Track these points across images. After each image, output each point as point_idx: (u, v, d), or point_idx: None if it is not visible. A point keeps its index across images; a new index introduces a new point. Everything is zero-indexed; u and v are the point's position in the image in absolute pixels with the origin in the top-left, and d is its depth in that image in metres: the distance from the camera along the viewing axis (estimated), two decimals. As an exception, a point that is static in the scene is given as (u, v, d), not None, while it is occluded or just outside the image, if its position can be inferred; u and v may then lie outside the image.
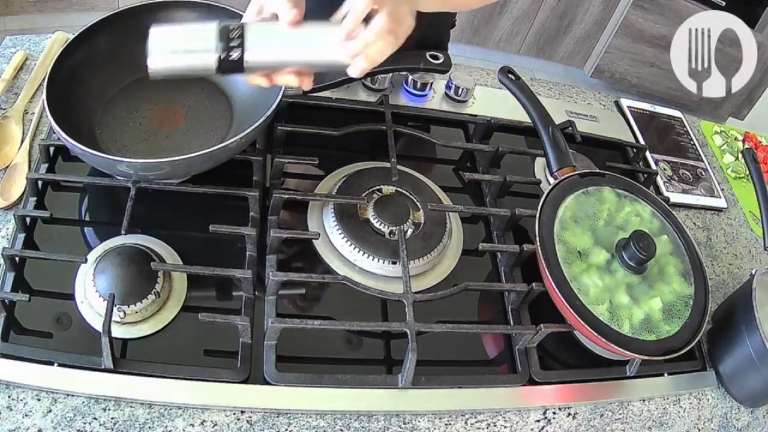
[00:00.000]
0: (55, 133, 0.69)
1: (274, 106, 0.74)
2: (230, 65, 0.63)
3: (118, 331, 0.66)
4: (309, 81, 0.67)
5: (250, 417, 0.66)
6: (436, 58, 0.84)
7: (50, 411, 0.61)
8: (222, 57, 0.63)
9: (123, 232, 0.70)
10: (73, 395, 0.63)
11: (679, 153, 1.15)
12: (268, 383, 0.67)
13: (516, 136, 1.02)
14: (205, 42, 0.63)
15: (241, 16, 0.83)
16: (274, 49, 0.64)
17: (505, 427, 0.73)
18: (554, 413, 0.76)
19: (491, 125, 0.99)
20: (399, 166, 0.84)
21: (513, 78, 0.87)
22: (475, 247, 0.81)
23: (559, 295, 0.71)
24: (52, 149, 0.79)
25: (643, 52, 2.55)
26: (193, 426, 0.64)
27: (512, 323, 0.79)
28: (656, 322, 0.73)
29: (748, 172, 1.09)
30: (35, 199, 0.75)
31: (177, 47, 0.63)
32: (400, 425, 0.70)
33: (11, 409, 0.61)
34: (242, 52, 0.63)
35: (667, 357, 0.72)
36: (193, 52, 0.63)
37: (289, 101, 0.89)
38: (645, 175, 1.05)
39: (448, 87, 1.03)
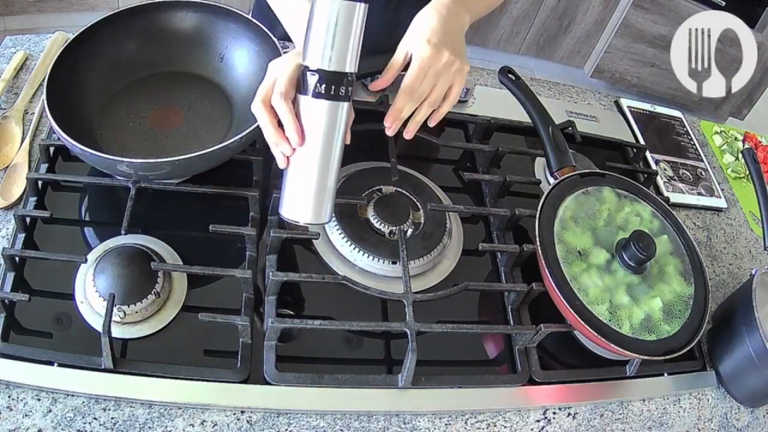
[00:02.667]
0: (55, 133, 0.69)
1: (274, 106, 0.74)
2: (344, 91, 0.64)
3: (118, 331, 0.66)
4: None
5: (250, 417, 0.66)
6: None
7: (50, 411, 0.61)
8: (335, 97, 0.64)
9: (123, 232, 0.70)
10: (73, 395, 0.63)
11: (679, 153, 1.15)
12: (268, 383, 0.67)
13: (516, 136, 1.02)
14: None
15: (241, 16, 0.83)
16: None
17: (505, 427, 0.73)
18: (554, 413, 0.76)
19: (491, 125, 0.99)
20: (399, 166, 0.84)
21: (513, 78, 0.87)
22: (475, 247, 0.81)
23: (559, 295, 0.71)
24: (52, 149, 0.79)
25: (643, 52, 2.55)
26: (193, 426, 0.64)
27: (512, 323, 0.79)
28: (656, 322, 0.73)
29: (748, 172, 1.09)
30: (35, 199, 0.75)
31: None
32: (400, 425, 0.70)
33: (11, 409, 0.61)
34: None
35: (667, 357, 0.72)
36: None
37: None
38: (645, 175, 1.05)
39: (448, 87, 1.03)
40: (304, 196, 0.66)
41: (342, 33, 0.61)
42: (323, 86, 0.62)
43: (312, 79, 0.62)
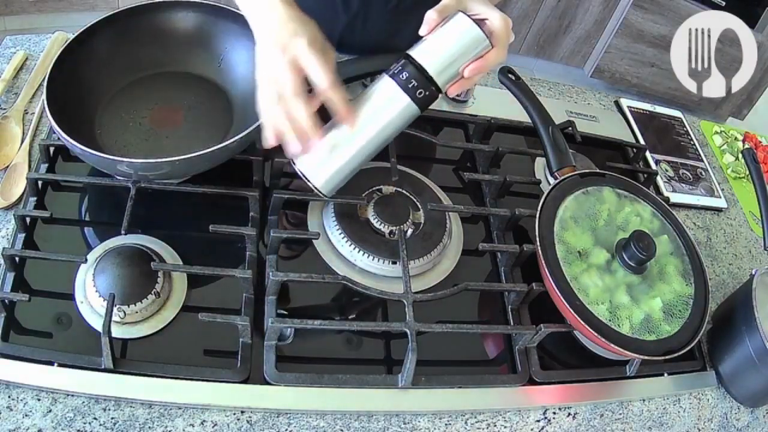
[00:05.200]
0: (55, 133, 0.69)
1: (274, 106, 0.74)
2: (427, 99, 0.66)
3: (118, 331, 0.66)
4: None
5: (250, 417, 0.66)
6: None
7: (50, 411, 0.61)
8: (417, 99, 0.66)
9: (123, 232, 0.70)
10: (73, 395, 0.63)
11: (679, 153, 1.15)
12: (268, 383, 0.67)
13: (516, 136, 1.02)
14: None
15: (241, 16, 0.83)
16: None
17: (505, 427, 0.73)
18: (554, 413, 0.76)
19: (491, 125, 0.99)
20: (399, 166, 0.84)
21: (513, 78, 0.87)
22: (475, 247, 0.81)
23: (559, 295, 0.71)
24: (52, 149, 0.79)
25: (643, 52, 2.55)
26: (193, 426, 0.64)
27: (512, 323, 0.79)
28: (656, 322, 0.73)
29: (748, 172, 1.09)
30: (35, 199, 0.75)
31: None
32: (400, 425, 0.70)
33: (11, 409, 0.61)
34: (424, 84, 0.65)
35: (667, 357, 0.72)
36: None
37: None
38: (645, 175, 1.05)
39: (448, 87, 1.03)
40: (331, 164, 0.68)
41: (460, 53, 0.65)
42: (412, 80, 0.65)
43: (407, 68, 0.65)
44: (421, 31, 0.66)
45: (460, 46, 0.65)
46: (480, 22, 0.66)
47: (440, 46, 0.65)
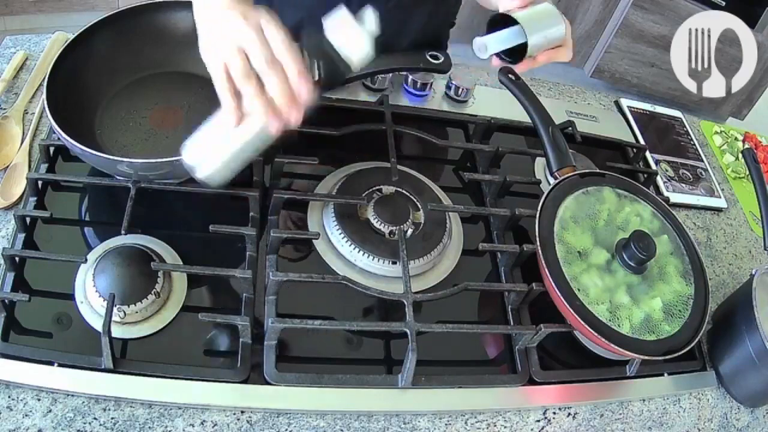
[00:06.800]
0: (55, 133, 0.69)
1: (274, 106, 0.74)
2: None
3: (118, 331, 0.66)
4: None
5: (250, 417, 0.66)
6: (436, 57, 0.84)
7: (50, 411, 0.61)
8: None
9: (123, 232, 0.70)
10: (73, 395, 0.63)
11: (679, 153, 1.15)
12: (268, 383, 0.67)
13: (516, 136, 1.02)
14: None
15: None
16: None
17: (505, 427, 0.73)
18: (554, 413, 0.76)
19: (491, 125, 0.99)
20: (399, 166, 0.84)
21: (513, 78, 0.87)
22: (475, 247, 0.81)
23: (559, 295, 0.71)
24: (52, 149, 0.79)
25: (643, 52, 2.55)
26: (193, 426, 0.64)
27: (512, 323, 0.79)
28: (656, 322, 0.73)
29: (748, 172, 1.09)
30: (35, 199, 0.75)
31: None
32: (400, 425, 0.70)
33: (11, 409, 0.61)
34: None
35: (667, 357, 0.72)
36: None
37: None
38: (645, 175, 1.05)
39: (448, 87, 1.03)
40: (218, 156, 0.63)
41: (547, 32, 0.74)
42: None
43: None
44: (508, 6, 0.72)
45: (550, 28, 0.74)
46: None
47: (537, 20, 0.72)
